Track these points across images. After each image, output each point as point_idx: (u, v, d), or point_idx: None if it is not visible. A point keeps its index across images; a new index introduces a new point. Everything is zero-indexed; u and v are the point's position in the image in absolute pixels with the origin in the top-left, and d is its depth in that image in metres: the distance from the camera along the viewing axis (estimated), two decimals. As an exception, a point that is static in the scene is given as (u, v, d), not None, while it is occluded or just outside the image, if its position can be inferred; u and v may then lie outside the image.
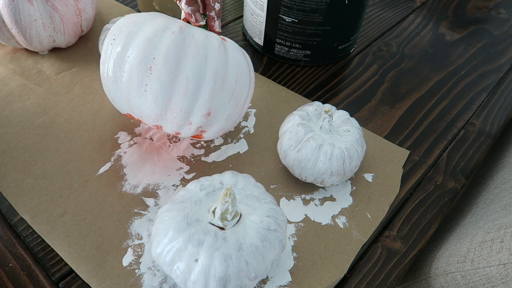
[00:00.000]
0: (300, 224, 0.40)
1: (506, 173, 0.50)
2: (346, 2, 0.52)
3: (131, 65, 0.36)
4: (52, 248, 0.37)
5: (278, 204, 0.42)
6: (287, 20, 0.55)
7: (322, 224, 0.40)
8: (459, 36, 0.69)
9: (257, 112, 0.51)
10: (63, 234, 0.38)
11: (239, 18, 0.69)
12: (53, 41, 0.54)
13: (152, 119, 0.38)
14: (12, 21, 0.50)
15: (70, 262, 0.36)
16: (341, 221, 0.41)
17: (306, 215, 0.41)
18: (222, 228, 0.32)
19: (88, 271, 0.36)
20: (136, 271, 0.36)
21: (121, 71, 0.37)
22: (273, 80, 0.57)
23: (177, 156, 0.45)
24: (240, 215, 0.33)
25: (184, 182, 0.43)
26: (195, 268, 0.30)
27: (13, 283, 0.35)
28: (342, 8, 0.53)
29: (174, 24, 0.37)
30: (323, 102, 0.54)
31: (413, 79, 0.59)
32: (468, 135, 0.52)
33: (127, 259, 0.36)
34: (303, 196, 0.42)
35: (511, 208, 0.42)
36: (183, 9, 0.40)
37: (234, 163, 0.45)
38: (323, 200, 0.42)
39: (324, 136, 0.41)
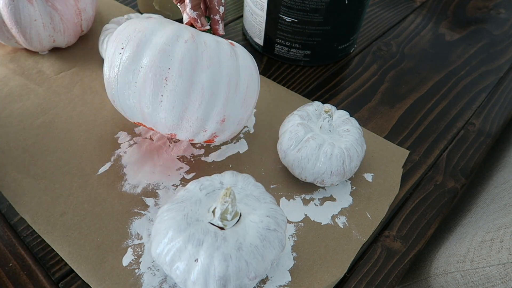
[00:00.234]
0: (300, 224, 0.40)
1: (506, 173, 0.50)
2: (346, 2, 0.52)
3: (145, 75, 0.35)
4: (52, 248, 0.37)
5: (278, 204, 0.42)
6: (287, 20, 0.55)
7: (322, 224, 0.40)
8: (459, 36, 0.69)
9: (257, 112, 0.51)
10: (63, 234, 0.38)
11: (239, 18, 0.69)
12: (53, 41, 0.54)
13: (167, 128, 0.38)
14: (12, 21, 0.50)
15: (70, 262, 0.36)
16: (341, 221, 0.41)
17: (306, 215, 0.41)
18: (222, 228, 0.32)
19: (88, 271, 0.36)
20: (136, 271, 0.36)
21: (134, 81, 0.36)
22: (273, 80, 0.57)
23: (177, 156, 0.45)
24: (240, 215, 0.33)
25: (184, 182, 0.43)
26: (195, 268, 0.31)
27: (13, 283, 0.35)
28: (342, 8, 0.53)
29: (185, 32, 0.37)
30: (323, 102, 0.54)
31: (413, 79, 0.59)
32: (468, 135, 0.52)
33: (127, 259, 0.36)
34: (303, 196, 0.42)
35: (511, 208, 0.42)
36: (189, 14, 0.40)
37: (234, 163, 0.45)
38: (323, 200, 0.42)
39: (324, 136, 0.41)
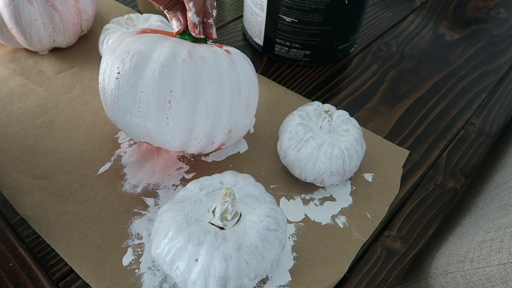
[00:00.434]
0: (300, 224, 0.40)
1: (506, 173, 0.50)
2: (346, 2, 0.52)
3: (147, 100, 0.35)
4: (52, 248, 0.37)
5: (278, 204, 0.42)
6: (287, 20, 0.55)
7: (322, 224, 0.40)
8: (459, 36, 0.69)
9: (257, 112, 0.51)
10: (63, 234, 0.38)
11: (239, 18, 0.69)
12: (53, 41, 0.55)
13: (176, 147, 0.38)
14: (12, 21, 0.50)
15: (70, 262, 0.36)
16: (341, 221, 0.41)
17: (306, 215, 0.41)
18: (222, 228, 0.32)
19: (88, 271, 0.36)
20: (136, 270, 0.36)
21: (136, 107, 0.35)
22: (273, 80, 0.57)
23: (177, 156, 0.45)
24: (240, 215, 0.33)
25: (184, 182, 0.43)
26: (195, 267, 0.31)
27: (13, 283, 0.35)
28: (342, 8, 0.53)
29: (181, 49, 0.36)
30: (323, 102, 0.54)
31: (413, 79, 0.59)
32: (468, 135, 0.52)
33: (127, 259, 0.36)
34: (303, 196, 0.42)
35: (511, 208, 0.42)
36: (191, 18, 0.39)
37: (234, 163, 0.45)
38: (323, 200, 0.42)
39: (324, 136, 0.41)
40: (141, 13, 0.63)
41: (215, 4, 0.42)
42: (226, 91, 0.36)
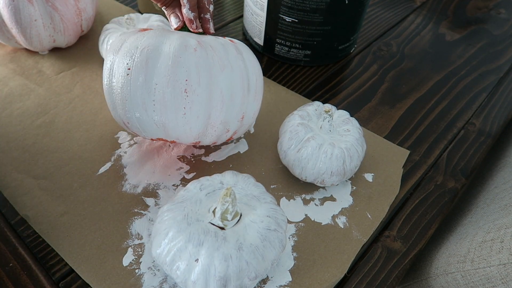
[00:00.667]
0: (300, 224, 0.40)
1: (506, 173, 0.50)
2: (346, 2, 0.52)
3: (162, 92, 0.35)
4: (52, 248, 0.37)
5: (278, 204, 0.42)
6: (287, 20, 0.55)
7: (322, 224, 0.40)
8: (459, 36, 0.69)
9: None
10: (63, 234, 0.38)
11: (239, 18, 0.69)
12: (53, 41, 0.54)
13: (193, 138, 0.38)
14: (12, 21, 0.50)
15: (70, 262, 0.36)
16: (341, 221, 0.41)
17: (306, 215, 0.41)
18: (222, 228, 0.32)
19: (88, 271, 0.36)
20: (136, 271, 0.36)
21: (151, 100, 0.35)
22: (273, 80, 0.57)
23: (177, 156, 0.45)
24: (240, 215, 0.33)
25: (184, 182, 0.43)
26: (195, 268, 0.30)
27: (13, 283, 0.35)
28: (342, 8, 0.53)
29: (190, 40, 0.36)
30: (323, 102, 0.54)
31: (413, 79, 0.59)
32: (468, 135, 0.52)
33: (127, 259, 0.36)
34: (303, 196, 0.42)
35: (511, 208, 0.42)
36: (186, 15, 0.40)
37: (234, 163, 0.45)
38: (323, 200, 0.42)
39: (324, 136, 0.41)
40: (141, 13, 0.63)
41: None
42: (237, 77, 0.37)
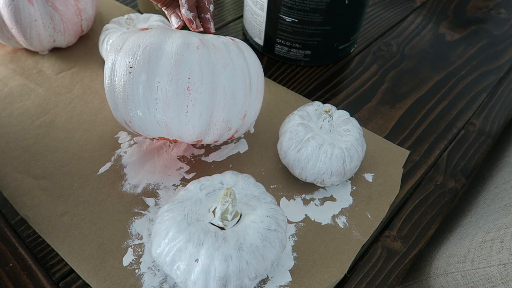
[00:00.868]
0: (300, 224, 0.40)
1: (506, 173, 0.50)
2: (346, 2, 0.52)
3: (165, 90, 0.35)
4: (52, 248, 0.37)
5: (278, 204, 0.42)
6: (287, 20, 0.55)
7: (322, 224, 0.40)
8: (459, 36, 0.69)
9: (257, 112, 0.51)
10: (63, 234, 0.38)
11: (239, 18, 0.69)
12: (53, 41, 0.54)
13: (195, 136, 0.38)
14: (12, 21, 0.50)
15: (70, 262, 0.36)
16: (341, 221, 0.41)
17: (306, 215, 0.41)
18: (222, 228, 0.32)
19: (88, 271, 0.36)
20: (136, 271, 0.36)
21: (154, 99, 0.35)
22: (273, 80, 0.57)
23: (177, 156, 0.45)
24: (240, 215, 0.33)
25: (184, 182, 0.43)
26: (195, 268, 0.30)
27: (13, 283, 0.35)
28: (342, 8, 0.53)
29: (192, 38, 0.36)
30: (323, 102, 0.54)
31: (413, 79, 0.59)
32: (468, 135, 0.52)
33: (127, 259, 0.36)
34: (303, 196, 0.42)
35: (511, 208, 0.42)
36: (185, 15, 0.40)
37: (234, 163, 0.45)
38: (323, 200, 0.42)
39: (324, 136, 0.41)
40: (141, 13, 0.63)
41: None
42: (239, 75, 0.37)
